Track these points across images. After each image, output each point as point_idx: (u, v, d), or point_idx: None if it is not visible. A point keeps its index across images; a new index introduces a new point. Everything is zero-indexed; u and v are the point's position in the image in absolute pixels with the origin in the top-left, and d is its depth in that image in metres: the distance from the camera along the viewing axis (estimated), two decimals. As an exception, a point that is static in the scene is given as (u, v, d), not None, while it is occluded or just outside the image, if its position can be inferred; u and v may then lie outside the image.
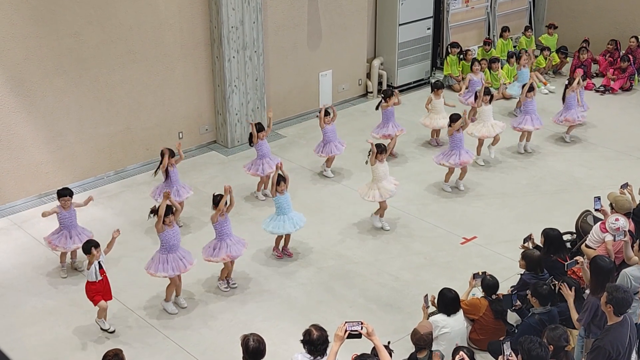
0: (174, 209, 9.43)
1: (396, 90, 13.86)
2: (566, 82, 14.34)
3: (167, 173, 11.03)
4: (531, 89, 13.65)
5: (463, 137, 12.27)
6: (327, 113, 12.74)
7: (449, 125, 12.22)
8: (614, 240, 8.98)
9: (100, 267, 9.09)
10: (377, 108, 13.49)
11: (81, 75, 12.20)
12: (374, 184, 11.24)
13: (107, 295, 9.25)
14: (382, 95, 13.47)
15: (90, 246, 9.09)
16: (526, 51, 16.60)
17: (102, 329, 9.19)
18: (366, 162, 11.35)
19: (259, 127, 11.93)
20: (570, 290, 8.31)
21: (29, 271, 10.47)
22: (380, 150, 11.08)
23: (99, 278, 9.07)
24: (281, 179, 10.35)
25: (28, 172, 12.09)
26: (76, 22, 11.91)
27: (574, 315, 8.04)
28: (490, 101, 13.36)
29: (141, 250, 10.67)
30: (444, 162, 12.25)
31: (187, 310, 9.66)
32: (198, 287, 10.11)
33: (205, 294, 10.01)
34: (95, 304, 9.13)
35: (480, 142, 13.36)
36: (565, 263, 8.79)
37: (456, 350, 7.24)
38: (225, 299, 9.90)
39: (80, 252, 10.34)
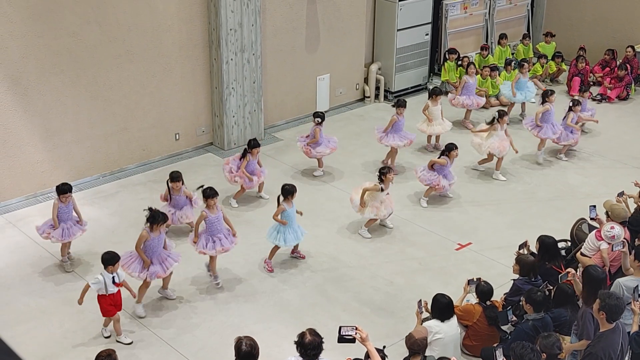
0: (164, 219, 9.46)
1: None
2: (571, 102, 14.13)
3: (170, 196, 11.03)
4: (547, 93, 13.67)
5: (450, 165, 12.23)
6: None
7: (443, 154, 12.14)
8: (612, 249, 8.97)
9: (113, 281, 8.86)
10: None
11: (78, 74, 12.19)
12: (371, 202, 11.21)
13: (119, 307, 9.09)
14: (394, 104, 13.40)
15: (114, 257, 8.88)
16: (527, 62, 16.59)
17: (117, 341, 9.04)
18: (381, 189, 11.18)
19: (254, 144, 11.91)
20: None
21: (22, 269, 10.44)
22: (387, 171, 11.06)
23: (110, 292, 8.84)
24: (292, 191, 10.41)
25: (24, 170, 12.07)
26: (74, 21, 11.90)
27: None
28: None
29: (135, 250, 10.64)
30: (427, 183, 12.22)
31: (180, 311, 9.65)
32: (190, 288, 10.09)
33: (198, 295, 10.00)
34: (111, 315, 9.00)
35: (500, 159, 13.16)
36: (559, 276, 8.80)
37: None
38: (218, 300, 9.89)
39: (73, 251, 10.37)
